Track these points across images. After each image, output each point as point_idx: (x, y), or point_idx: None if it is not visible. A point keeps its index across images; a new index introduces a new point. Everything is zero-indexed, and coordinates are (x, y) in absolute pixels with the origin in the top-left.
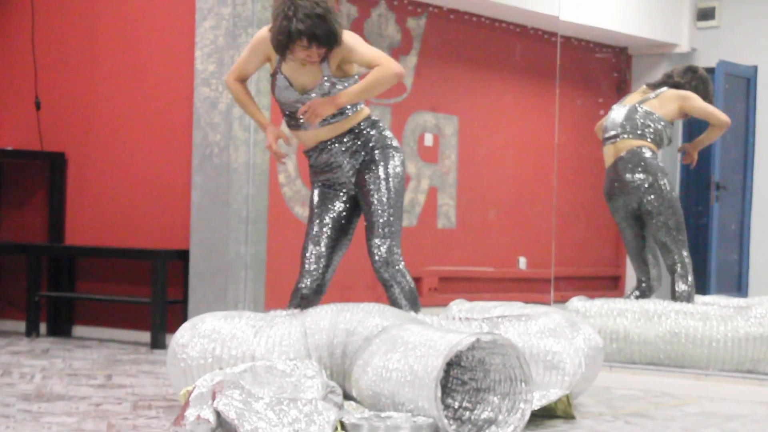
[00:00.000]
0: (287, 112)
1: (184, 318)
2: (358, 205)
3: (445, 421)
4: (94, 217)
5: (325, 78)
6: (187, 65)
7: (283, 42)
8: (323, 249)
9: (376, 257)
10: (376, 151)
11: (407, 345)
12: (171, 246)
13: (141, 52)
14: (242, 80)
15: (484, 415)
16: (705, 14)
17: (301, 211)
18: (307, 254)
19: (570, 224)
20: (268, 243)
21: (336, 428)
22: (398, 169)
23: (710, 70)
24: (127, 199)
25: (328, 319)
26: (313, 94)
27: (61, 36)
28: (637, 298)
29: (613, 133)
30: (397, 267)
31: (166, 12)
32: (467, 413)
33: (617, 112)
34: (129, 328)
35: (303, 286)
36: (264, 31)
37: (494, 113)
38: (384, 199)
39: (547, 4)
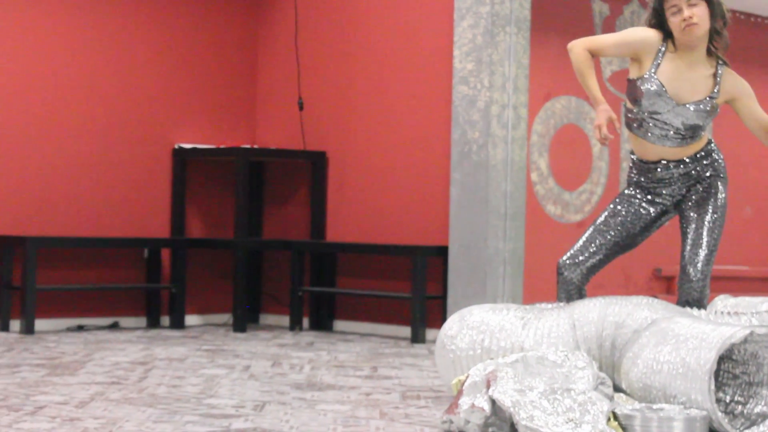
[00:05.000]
0: (640, 119)
1: (443, 313)
2: (661, 219)
3: (720, 414)
4: (354, 214)
5: (712, 96)
6: (445, 64)
7: (658, 15)
8: (602, 241)
9: (693, 290)
10: (711, 180)
11: (678, 337)
12: (430, 242)
13: (400, 51)
14: (592, 56)
15: (758, 410)
16: None
17: (554, 210)
18: (584, 239)
19: None
20: (526, 239)
21: (609, 419)
22: (725, 201)
23: None
24: (386, 197)
25: (597, 311)
26: (692, 108)
27: (323, 38)
28: None
29: None
30: (706, 293)
31: (424, 12)
32: (739, 407)
33: None
34: (388, 323)
35: (563, 259)
36: (651, 34)
37: None
38: (712, 231)
39: None
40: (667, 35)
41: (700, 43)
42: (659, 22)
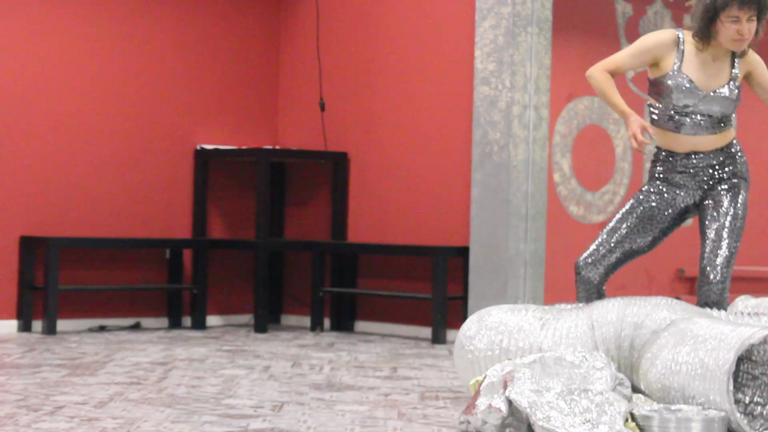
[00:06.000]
0: (671, 114)
1: (464, 314)
2: (680, 219)
3: (738, 415)
4: (375, 215)
5: (734, 79)
6: (466, 64)
7: (710, 16)
8: (619, 239)
9: (713, 293)
10: (733, 182)
11: (697, 338)
12: (451, 243)
13: (421, 52)
14: (613, 75)
15: None
16: None
17: (576, 210)
18: (602, 237)
19: None
20: (547, 240)
21: (626, 419)
22: (746, 203)
23: None
24: (407, 197)
25: (616, 312)
26: (720, 93)
27: (345, 39)
28: None
29: None
30: (725, 295)
31: (446, 13)
32: (758, 408)
33: None
34: (409, 324)
35: (581, 258)
36: (665, 34)
37: None
38: (732, 233)
39: None
40: (702, 35)
41: None
42: (706, 24)
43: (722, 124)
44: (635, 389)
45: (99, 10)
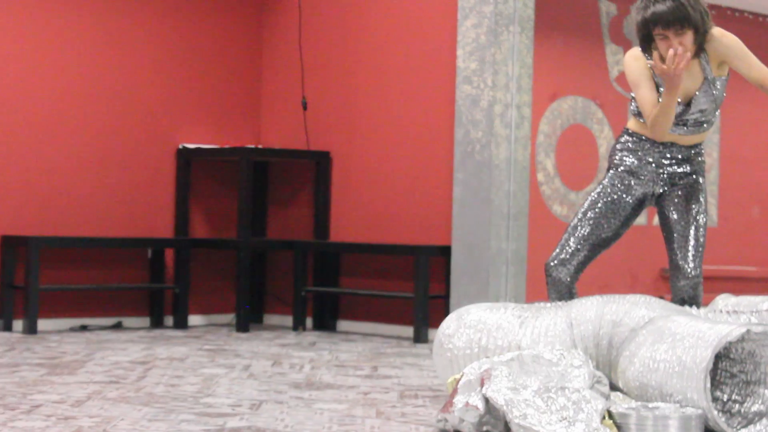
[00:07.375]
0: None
1: (445, 313)
2: (640, 207)
3: (715, 412)
4: (357, 214)
5: (708, 78)
6: (449, 63)
7: (642, 36)
8: (585, 236)
9: (689, 287)
10: (694, 179)
11: (675, 336)
12: (433, 242)
13: (404, 51)
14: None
15: (755, 408)
16: None
17: (560, 210)
18: (566, 236)
19: None
20: (529, 239)
21: (604, 417)
22: (707, 198)
23: None
24: (389, 196)
25: (594, 310)
26: (699, 96)
27: (327, 39)
28: None
29: None
30: (700, 290)
31: (428, 11)
32: (736, 406)
33: None
34: (391, 323)
35: (550, 260)
36: (637, 53)
37: (759, 110)
38: (699, 228)
39: None
40: (645, 51)
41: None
42: (644, 42)
43: (704, 124)
44: (613, 387)
45: (80, 9)
